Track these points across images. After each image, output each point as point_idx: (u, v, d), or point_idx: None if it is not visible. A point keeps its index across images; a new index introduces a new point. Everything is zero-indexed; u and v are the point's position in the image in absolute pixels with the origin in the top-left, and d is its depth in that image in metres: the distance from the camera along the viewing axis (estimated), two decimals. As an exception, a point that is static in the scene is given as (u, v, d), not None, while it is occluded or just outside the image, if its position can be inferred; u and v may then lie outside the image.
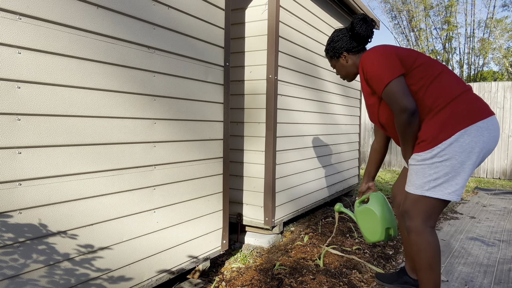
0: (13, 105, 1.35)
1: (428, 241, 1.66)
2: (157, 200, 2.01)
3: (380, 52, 1.66)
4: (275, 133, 3.17)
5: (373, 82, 1.67)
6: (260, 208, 3.22)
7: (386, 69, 1.61)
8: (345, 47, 1.87)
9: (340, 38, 1.88)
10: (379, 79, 1.63)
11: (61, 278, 1.53)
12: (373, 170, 2.12)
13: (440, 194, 1.61)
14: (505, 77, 14.64)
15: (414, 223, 1.68)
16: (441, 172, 1.60)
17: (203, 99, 2.30)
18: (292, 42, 3.43)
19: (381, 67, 1.63)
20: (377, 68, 1.64)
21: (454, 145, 1.57)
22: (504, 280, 2.46)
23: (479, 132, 1.56)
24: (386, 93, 1.62)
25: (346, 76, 1.95)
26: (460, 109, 1.58)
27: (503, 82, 7.43)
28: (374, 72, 1.65)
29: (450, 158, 1.58)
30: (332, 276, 2.48)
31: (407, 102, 1.56)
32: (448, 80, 1.65)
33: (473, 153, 1.57)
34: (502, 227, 3.84)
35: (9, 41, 1.32)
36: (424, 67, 1.66)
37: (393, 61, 1.62)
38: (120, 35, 1.75)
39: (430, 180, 1.62)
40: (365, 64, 1.69)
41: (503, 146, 7.49)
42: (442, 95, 1.61)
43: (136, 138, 1.86)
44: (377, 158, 2.11)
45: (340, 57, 1.91)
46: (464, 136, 1.56)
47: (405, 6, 15.27)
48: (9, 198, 1.35)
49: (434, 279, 1.68)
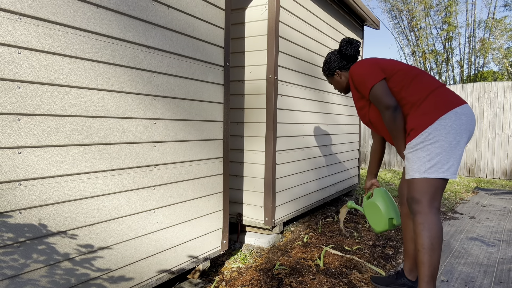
0: (13, 105, 1.35)
1: (433, 220, 1.78)
2: (157, 200, 2.01)
3: (364, 63, 2.00)
4: (275, 133, 3.17)
5: (361, 87, 2.00)
6: (260, 208, 3.22)
7: (369, 76, 1.95)
8: (337, 65, 2.25)
9: (332, 59, 2.26)
10: (365, 84, 1.96)
11: (61, 278, 1.53)
12: (374, 168, 2.36)
13: (437, 174, 1.78)
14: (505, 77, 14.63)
15: (421, 205, 1.80)
16: (433, 153, 1.79)
17: (203, 99, 2.30)
18: (292, 42, 3.43)
19: (365, 75, 1.97)
20: (363, 76, 1.98)
21: (439, 128, 1.79)
22: (504, 280, 2.46)
23: (458, 116, 1.81)
24: (372, 95, 1.93)
25: (341, 89, 2.31)
26: (438, 99, 1.85)
27: (503, 82, 7.42)
28: (360, 79, 1.98)
29: (438, 140, 1.79)
30: (332, 276, 2.48)
31: (389, 100, 1.87)
32: (425, 79, 1.94)
33: (457, 134, 1.80)
34: (502, 227, 3.84)
35: (9, 41, 1.32)
36: (403, 71, 1.96)
37: (374, 69, 1.96)
38: (120, 35, 1.75)
39: (425, 162, 1.80)
40: (353, 74, 2.04)
41: (503, 146, 7.49)
42: (422, 91, 1.88)
43: (136, 138, 1.86)
44: (377, 158, 2.36)
45: (334, 75, 2.27)
46: (446, 120, 1.80)
47: (405, 5, 15.26)
48: (9, 198, 1.35)
49: (434, 260, 1.76)
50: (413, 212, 1.84)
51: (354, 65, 2.06)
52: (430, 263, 1.75)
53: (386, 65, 2.00)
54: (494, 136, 7.55)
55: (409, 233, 2.13)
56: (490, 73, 15.29)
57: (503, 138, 7.47)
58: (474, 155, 7.78)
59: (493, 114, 7.52)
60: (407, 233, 2.14)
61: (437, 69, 15.41)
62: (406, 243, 2.15)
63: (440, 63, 15.36)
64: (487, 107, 7.57)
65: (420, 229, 1.79)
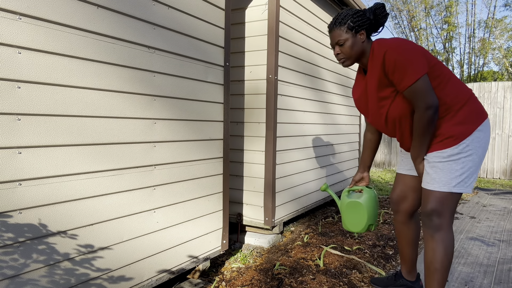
0: (13, 105, 1.35)
1: (451, 238, 1.71)
2: (157, 200, 2.01)
3: (407, 46, 1.61)
4: (275, 133, 3.17)
5: (399, 75, 1.61)
6: (260, 208, 3.22)
7: (415, 65, 1.58)
8: (366, 25, 1.75)
9: (362, 15, 1.75)
10: (407, 73, 1.59)
11: (61, 278, 1.53)
12: (368, 160, 2.12)
13: (463, 188, 1.67)
14: (505, 77, 14.63)
15: (445, 221, 1.69)
16: (466, 166, 1.66)
17: (203, 99, 2.30)
18: (292, 42, 3.43)
19: (410, 62, 1.59)
20: (406, 62, 1.59)
21: (475, 140, 1.66)
22: (504, 280, 2.46)
23: (487, 128, 1.71)
24: (414, 89, 1.60)
25: (350, 57, 1.76)
26: (475, 107, 1.70)
27: (503, 82, 7.42)
28: (402, 65, 1.59)
29: (473, 153, 1.66)
30: (332, 276, 2.48)
31: (433, 99, 1.59)
32: (459, 81, 1.75)
33: (486, 148, 1.70)
34: (502, 227, 3.84)
35: (9, 41, 1.32)
36: (438, 66, 1.70)
37: (420, 57, 1.61)
38: (120, 35, 1.75)
39: (457, 175, 1.65)
40: (391, 54, 1.60)
41: (503, 146, 7.49)
42: (460, 94, 1.69)
43: (136, 138, 1.86)
44: (372, 147, 2.10)
45: (358, 33, 1.73)
46: (480, 132, 1.68)
47: (405, 5, 15.26)
48: (9, 198, 1.35)
49: (445, 279, 1.72)
50: (432, 227, 1.71)
51: (391, 43, 1.63)
52: (442, 283, 1.71)
53: (427, 54, 1.68)
54: (494, 136, 7.55)
55: (405, 238, 2.06)
56: (490, 73, 15.28)
57: (503, 138, 7.47)
58: (474, 155, 7.77)
59: (493, 114, 7.52)
60: (402, 239, 2.07)
61: (437, 69, 15.40)
62: (402, 248, 2.09)
63: (440, 63, 15.34)
64: (487, 107, 7.57)
65: (441, 247, 1.68)
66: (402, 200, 2.03)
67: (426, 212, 1.73)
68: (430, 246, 1.72)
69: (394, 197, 2.06)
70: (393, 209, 2.09)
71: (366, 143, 2.13)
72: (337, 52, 1.77)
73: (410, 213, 2.03)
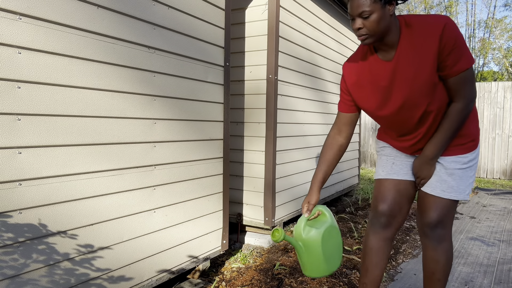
0: (13, 105, 1.35)
1: (452, 245, 1.63)
2: (157, 200, 2.01)
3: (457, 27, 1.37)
4: (275, 133, 3.17)
5: (454, 55, 1.34)
6: (260, 208, 3.22)
7: (468, 49, 1.38)
8: None
9: None
10: (464, 55, 1.35)
11: (61, 278, 1.53)
12: (329, 173, 1.65)
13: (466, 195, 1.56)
14: (505, 77, 14.63)
15: (448, 231, 1.59)
16: (474, 172, 1.58)
17: (203, 99, 2.30)
18: (292, 42, 3.43)
19: (465, 45, 1.37)
20: (464, 42, 1.36)
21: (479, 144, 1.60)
22: (504, 280, 2.46)
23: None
24: (467, 74, 1.37)
25: (375, 33, 1.34)
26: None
27: (503, 82, 7.42)
28: (462, 44, 1.34)
29: (477, 157, 1.59)
30: (332, 276, 2.48)
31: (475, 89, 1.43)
32: None
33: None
34: (502, 227, 3.84)
35: (9, 41, 1.32)
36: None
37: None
38: (120, 35, 1.75)
39: (471, 182, 1.55)
40: (452, 30, 1.32)
41: (503, 146, 7.48)
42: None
43: (136, 138, 1.86)
44: (339, 156, 1.66)
45: (388, 4, 1.33)
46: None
47: (405, 5, 15.26)
48: (9, 198, 1.35)
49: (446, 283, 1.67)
50: (436, 238, 1.58)
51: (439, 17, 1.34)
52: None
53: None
54: (494, 136, 7.55)
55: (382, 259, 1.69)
56: (490, 73, 15.28)
57: (503, 138, 7.47)
58: (474, 155, 7.77)
59: (493, 114, 7.52)
60: (378, 259, 1.68)
61: (437, 69, 15.43)
62: (373, 270, 1.69)
63: (440, 63, 15.37)
64: (487, 107, 7.57)
65: (444, 258, 1.59)
66: (398, 213, 1.67)
67: (432, 223, 1.57)
68: (432, 257, 1.62)
69: (386, 208, 1.65)
70: (380, 223, 1.66)
71: (331, 151, 1.64)
72: (359, 26, 1.34)
73: (398, 229, 1.71)
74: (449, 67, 1.36)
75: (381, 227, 1.67)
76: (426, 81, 1.39)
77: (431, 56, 1.35)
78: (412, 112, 1.48)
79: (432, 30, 1.33)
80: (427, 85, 1.40)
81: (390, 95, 1.48)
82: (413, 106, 1.46)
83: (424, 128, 1.52)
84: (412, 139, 1.58)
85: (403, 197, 1.67)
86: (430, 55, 1.35)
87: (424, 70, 1.38)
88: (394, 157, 1.71)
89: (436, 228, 1.57)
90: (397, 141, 1.67)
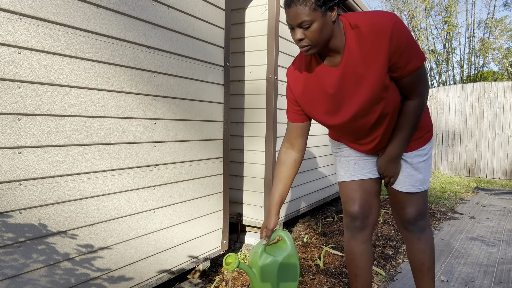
0: (13, 105, 1.35)
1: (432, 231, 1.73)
2: (157, 200, 2.01)
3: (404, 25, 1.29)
4: (275, 133, 3.17)
5: (406, 55, 1.27)
6: (260, 208, 3.22)
7: (418, 46, 1.31)
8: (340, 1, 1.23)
9: None
10: (416, 53, 1.28)
11: (61, 278, 1.53)
12: (285, 193, 1.55)
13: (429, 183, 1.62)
14: (505, 77, 14.63)
15: (427, 219, 1.64)
16: (431, 160, 1.63)
17: (203, 99, 2.30)
18: (292, 42, 3.42)
19: (415, 42, 1.30)
20: (413, 40, 1.28)
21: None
22: (504, 280, 2.46)
23: None
24: (420, 72, 1.33)
25: (318, 43, 1.23)
26: None
27: (503, 82, 7.42)
28: (412, 43, 1.27)
29: (432, 144, 1.62)
30: (332, 276, 2.48)
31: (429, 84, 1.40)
32: None
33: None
34: (502, 227, 3.84)
35: (9, 41, 1.32)
36: None
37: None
38: (120, 35, 1.75)
39: (431, 170, 1.66)
40: (401, 30, 1.23)
41: (503, 146, 7.48)
42: None
43: (136, 138, 1.86)
44: (294, 173, 1.56)
45: (329, 11, 1.20)
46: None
47: (405, 5, 15.26)
48: (9, 198, 1.35)
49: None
50: (418, 230, 1.63)
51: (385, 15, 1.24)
52: (434, 277, 1.69)
53: None
54: (494, 136, 7.55)
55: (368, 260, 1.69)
56: (490, 73, 15.28)
57: (503, 138, 7.47)
58: (474, 155, 7.78)
59: (493, 114, 7.52)
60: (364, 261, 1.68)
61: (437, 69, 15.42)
62: (362, 273, 1.68)
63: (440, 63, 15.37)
64: (487, 107, 7.57)
65: (428, 246, 1.64)
66: (369, 212, 1.64)
67: (411, 218, 1.60)
68: (419, 248, 1.64)
69: (357, 210, 1.62)
70: (356, 227, 1.64)
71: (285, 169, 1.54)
72: (300, 37, 1.23)
73: (374, 227, 1.70)
74: (401, 68, 1.29)
75: (358, 231, 1.65)
76: (378, 85, 1.31)
77: (381, 59, 1.27)
78: (367, 118, 1.41)
79: (380, 31, 1.23)
80: (379, 88, 1.32)
81: (341, 103, 1.40)
82: (367, 112, 1.39)
83: (381, 130, 1.48)
84: (371, 143, 1.53)
85: (371, 195, 1.64)
86: (380, 57, 1.27)
87: (374, 73, 1.30)
88: (355, 157, 1.66)
89: (417, 221, 1.61)
90: (356, 144, 1.60)
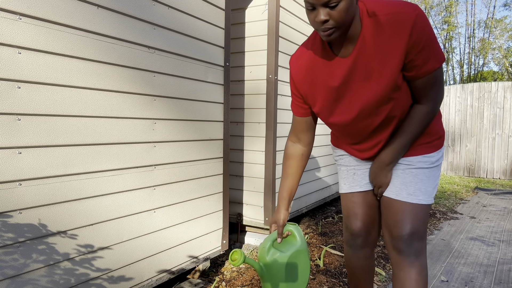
0: (13, 105, 1.35)
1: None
2: (157, 200, 2.01)
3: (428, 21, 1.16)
4: (275, 133, 3.17)
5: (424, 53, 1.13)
6: (260, 208, 3.22)
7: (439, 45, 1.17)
8: None
9: None
10: (435, 53, 1.14)
11: (61, 278, 1.53)
12: (295, 187, 1.47)
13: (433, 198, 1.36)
14: (505, 77, 14.63)
15: (425, 243, 1.32)
16: (440, 172, 1.40)
17: (203, 99, 2.31)
18: (292, 42, 3.43)
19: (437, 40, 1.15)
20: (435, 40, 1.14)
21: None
22: (504, 280, 2.46)
23: None
24: (437, 74, 1.18)
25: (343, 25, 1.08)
26: None
27: (503, 82, 7.43)
28: (433, 40, 1.13)
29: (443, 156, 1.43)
30: (332, 276, 2.48)
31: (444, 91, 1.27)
32: None
33: None
34: (502, 227, 3.84)
35: (9, 41, 1.32)
36: None
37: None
38: (120, 35, 1.75)
39: (437, 183, 1.35)
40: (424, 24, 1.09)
41: (503, 146, 7.49)
42: None
43: (136, 138, 1.86)
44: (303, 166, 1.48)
45: None
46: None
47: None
48: (9, 198, 1.35)
49: None
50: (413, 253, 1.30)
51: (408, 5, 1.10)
52: None
53: None
54: (494, 136, 7.55)
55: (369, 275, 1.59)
56: (490, 73, 15.28)
57: (503, 138, 7.47)
58: (474, 155, 7.78)
59: (493, 114, 7.53)
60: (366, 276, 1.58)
61: (437, 69, 15.43)
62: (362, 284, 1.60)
63: (440, 63, 15.37)
64: (487, 107, 7.58)
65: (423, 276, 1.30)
66: (372, 228, 1.51)
67: (406, 236, 1.29)
68: (411, 277, 1.30)
69: (359, 227, 1.49)
70: (358, 245, 1.52)
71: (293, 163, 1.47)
72: (324, 19, 1.05)
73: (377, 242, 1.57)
74: (418, 67, 1.16)
75: (359, 248, 1.53)
76: (389, 82, 1.18)
77: (398, 54, 1.13)
78: (371, 118, 1.28)
79: (400, 22, 1.09)
80: (390, 87, 1.18)
81: (345, 99, 1.27)
82: (372, 112, 1.25)
83: (385, 135, 1.33)
84: (373, 148, 1.38)
85: (373, 209, 1.50)
86: (397, 52, 1.13)
87: (387, 69, 1.16)
88: (355, 167, 1.52)
89: (412, 241, 1.29)
90: (355, 149, 1.46)
